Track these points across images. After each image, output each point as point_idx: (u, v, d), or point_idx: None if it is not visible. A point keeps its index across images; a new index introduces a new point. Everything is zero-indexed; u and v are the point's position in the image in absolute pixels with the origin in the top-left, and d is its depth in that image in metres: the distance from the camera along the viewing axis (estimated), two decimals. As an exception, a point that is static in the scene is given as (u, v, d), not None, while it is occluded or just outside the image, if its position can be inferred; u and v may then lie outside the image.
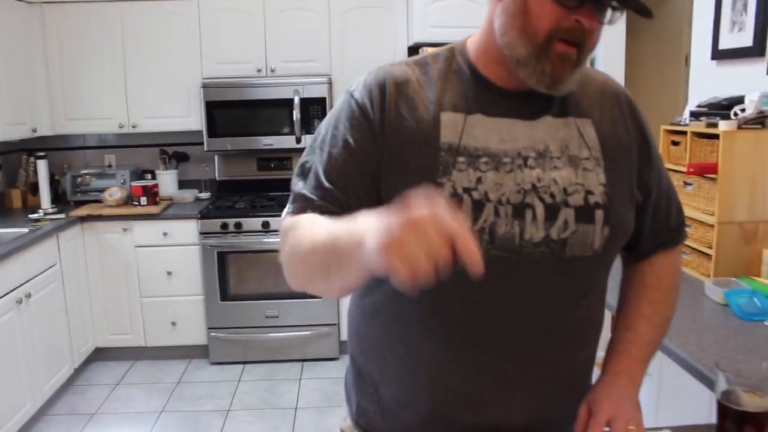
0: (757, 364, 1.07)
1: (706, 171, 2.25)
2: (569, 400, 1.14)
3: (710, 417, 1.07)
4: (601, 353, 1.20)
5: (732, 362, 1.05)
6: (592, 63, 3.78)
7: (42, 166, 4.00)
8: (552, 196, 1.03)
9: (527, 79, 1.02)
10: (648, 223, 1.19)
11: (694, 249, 2.34)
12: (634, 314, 1.20)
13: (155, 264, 4.06)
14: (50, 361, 3.56)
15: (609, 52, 3.85)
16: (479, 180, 1.02)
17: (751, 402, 1.03)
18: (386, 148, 1.05)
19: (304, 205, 1.04)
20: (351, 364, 1.24)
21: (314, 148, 1.10)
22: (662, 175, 1.19)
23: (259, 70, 4.21)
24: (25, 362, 3.29)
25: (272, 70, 4.20)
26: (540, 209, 1.03)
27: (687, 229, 1.27)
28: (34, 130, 4.09)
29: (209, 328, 4.10)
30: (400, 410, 1.14)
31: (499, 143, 1.05)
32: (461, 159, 1.03)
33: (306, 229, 0.97)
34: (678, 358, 1.61)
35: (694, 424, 1.16)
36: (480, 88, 1.08)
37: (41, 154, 4.05)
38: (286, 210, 1.08)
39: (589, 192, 1.05)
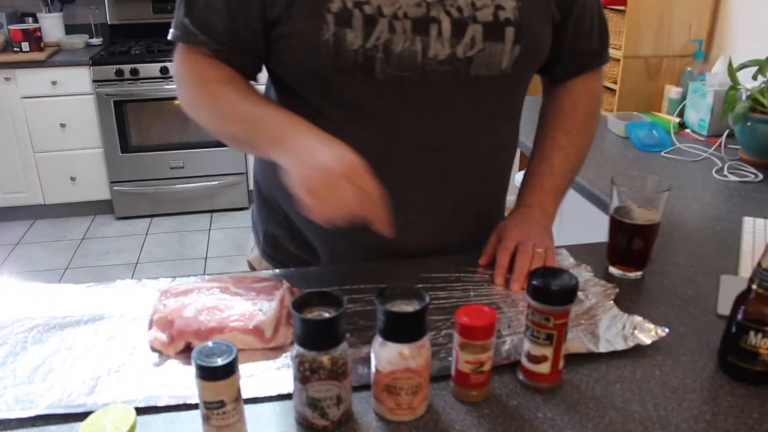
0: (650, 179, 1.07)
1: (614, 2, 2.21)
2: (480, 225, 1.13)
3: (604, 237, 1.08)
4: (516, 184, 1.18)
5: (626, 178, 1.05)
6: None
7: None
8: (459, 10, 0.95)
9: None
10: (567, 43, 1.12)
11: (599, 84, 2.33)
12: (549, 144, 1.16)
13: (46, 116, 3.79)
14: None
15: None
16: None
17: (641, 215, 1.03)
18: None
19: (188, 39, 1.00)
20: (257, 194, 1.21)
21: None
22: None
23: None
24: None
25: None
26: (446, 24, 0.95)
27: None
28: None
29: (112, 182, 3.94)
30: (308, 233, 1.12)
31: None
32: None
33: (226, 96, 0.98)
34: (577, 186, 1.63)
35: (588, 242, 1.17)
36: None
37: None
38: (172, 33, 1.01)
39: (499, 7, 0.97)
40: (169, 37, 1.02)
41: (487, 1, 0.97)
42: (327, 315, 0.69)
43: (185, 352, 0.83)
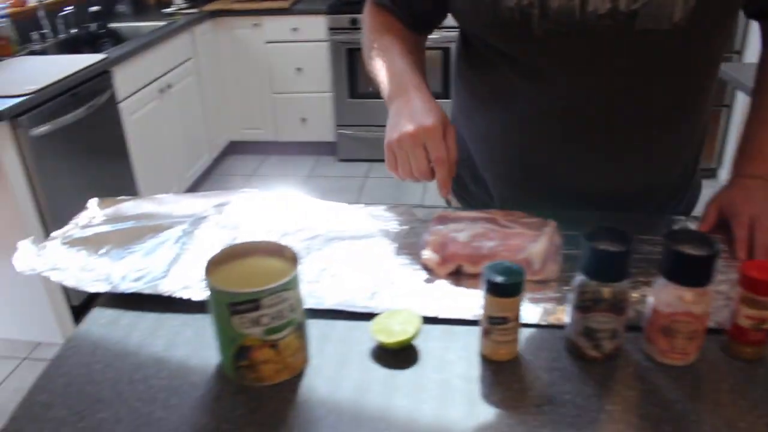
0: None
1: None
2: (666, 175, 1.09)
3: None
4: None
5: None
6: None
7: (174, -42, 3.99)
8: None
9: None
10: None
11: None
12: None
13: (285, 60, 4.09)
14: (190, 150, 3.78)
15: None
16: None
17: None
18: None
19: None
20: None
21: None
22: None
23: None
24: (171, 149, 3.51)
25: None
26: None
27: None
28: None
29: (338, 125, 4.18)
30: (484, 175, 1.17)
31: None
32: None
33: (377, 48, 1.10)
34: None
35: None
36: None
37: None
38: None
39: None
40: None
41: None
42: (615, 249, 0.70)
43: (453, 275, 0.89)
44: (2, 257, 2.47)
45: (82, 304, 2.63)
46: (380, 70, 1.07)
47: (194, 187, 3.88)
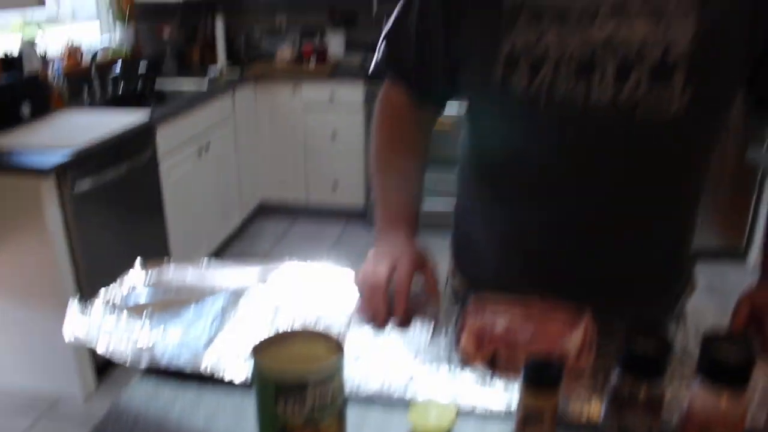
0: None
1: None
2: (654, 274, 1.11)
3: None
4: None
5: None
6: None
7: (219, 25, 4.15)
8: (625, 53, 0.93)
9: None
10: None
11: None
12: None
13: (321, 124, 4.19)
14: (222, 210, 3.86)
15: None
16: (541, 36, 0.95)
17: None
18: (452, 5, 1.04)
19: (393, 76, 1.18)
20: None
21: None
22: None
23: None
24: (203, 208, 3.59)
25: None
26: (610, 68, 0.93)
27: None
28: (213, -12, 4.22)
29: (369, 192, 4.23)
30: (481, 258, 1.20)
31: None
32: (523, 16, 0.96)
33: (380, 174, 1.20)
34: None
35: None
36: None
37: (218, 12, 4.19)
38: (375, 63, 1.19)
39: (669, 47, 0.91)
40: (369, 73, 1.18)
41: (658, 38, 0.91)
42: (654, 347, 0.71)
43: (489, 362, 0.90)
44: (32, 307, 2.51)
45: (105, 360, 2.64)
46: (378, 192, 1.19)
47: (223, 247, 3.93)
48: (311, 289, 1.10)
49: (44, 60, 3.17)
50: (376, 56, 1.19)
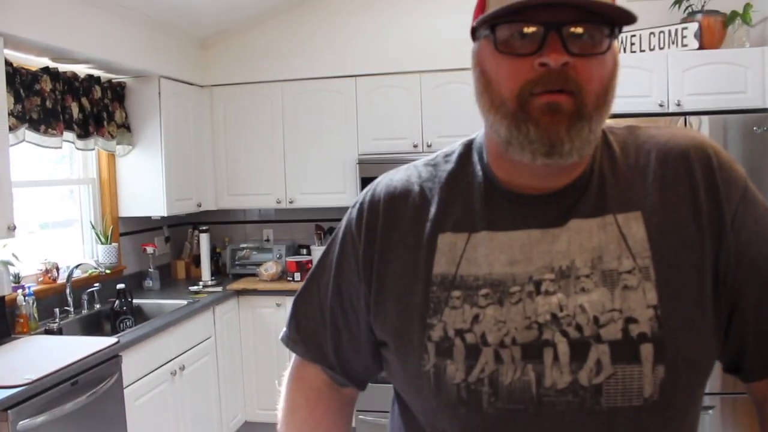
0: None
1: None
2: None
3: None
4: None
5: None
6: None
7: (204, 240, 4.14)
8: (578, 328, 0.79)
9: (520, 157, 0.80)
10: (750, 335, 0.85)
11: None
12: None
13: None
14: (200, 433, 3.56)
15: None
16: (476, 318, 0.82)
17: None
18: (373, 284, 0.91)
19: (294, 349, 1.05)
20: None
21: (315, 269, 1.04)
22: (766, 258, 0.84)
23: (415, 146, 4.15)
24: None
25: (428, 146, 4.12)
26: (563, 347, 0.79)
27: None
28: (199, 205, 4.27)
29: (358, 411, 3.95)
30: None
31: (507, 266, 0.83)
32: (456, 293, 0.84)
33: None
34: None
35: None
36: (491, 193, 0.88)
37: (204, 228, 4.21)
38: (285, 333, 1.06)
39: (630, 320, 0.79)
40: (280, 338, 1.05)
41: (614, 315, 0.79)
42: None
43: None
44: None
45: None
46: None
47: (199, 477, 3.58)
48: None
49: (17, 280, 3.08)
50: (288, 325, 1.05)
